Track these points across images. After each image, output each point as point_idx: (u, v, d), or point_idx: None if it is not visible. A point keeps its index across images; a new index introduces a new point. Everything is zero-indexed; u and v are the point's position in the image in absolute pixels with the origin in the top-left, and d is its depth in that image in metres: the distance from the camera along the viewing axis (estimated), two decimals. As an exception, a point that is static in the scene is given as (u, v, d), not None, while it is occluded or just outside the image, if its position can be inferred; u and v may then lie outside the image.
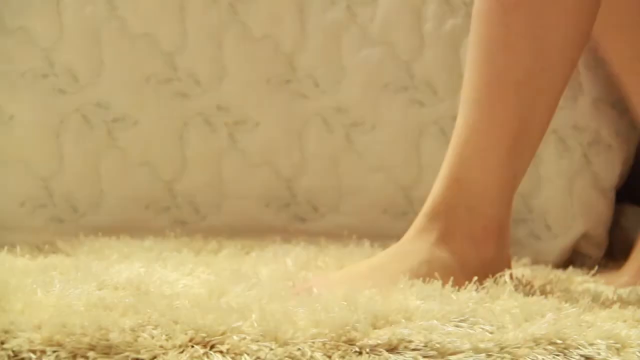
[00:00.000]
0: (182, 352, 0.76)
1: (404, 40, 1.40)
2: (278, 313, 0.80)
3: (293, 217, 1.43)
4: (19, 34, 1.35)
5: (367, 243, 1.29)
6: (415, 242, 0.98)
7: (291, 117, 1.41)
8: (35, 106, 1.36)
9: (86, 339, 0.76)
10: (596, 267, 1.19)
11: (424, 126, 1.40)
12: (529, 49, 0.96)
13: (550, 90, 0.97)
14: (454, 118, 1.01)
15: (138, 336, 0.77)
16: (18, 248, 1.24)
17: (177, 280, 1.02)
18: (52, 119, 1.36)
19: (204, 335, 0.77)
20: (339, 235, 1.38)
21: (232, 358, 0.76)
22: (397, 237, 1.32)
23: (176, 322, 0.79)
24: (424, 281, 0.93)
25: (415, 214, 1.05)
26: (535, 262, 1.31)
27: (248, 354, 0.76)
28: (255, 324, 0.79)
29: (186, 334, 0.77)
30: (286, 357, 0.76)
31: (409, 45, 1.40)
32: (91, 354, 0.75)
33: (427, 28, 1.40)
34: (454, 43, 1.40)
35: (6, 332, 0.76)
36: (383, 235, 1.36)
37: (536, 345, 0.77)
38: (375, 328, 0.80)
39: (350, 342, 0.77)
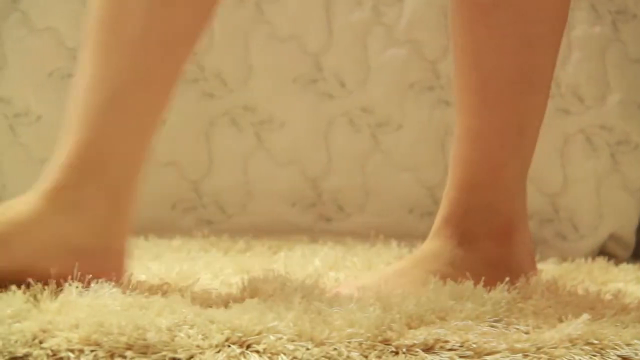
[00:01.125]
0: (218, 351, 0.76)
1: (430, 40, 1.40)
2: (313, 313, 0.81)
3: (318, 217, 1.43)
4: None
5: (394, 243, 1.29)
6: (438, 246, 0.98)
7: (317, 117, 1.41)
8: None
9: (123, 339, 0.76)
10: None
11: (450, 126, 1.40)
12: (517, 47, 0.95)
13: (543, 79, 0.97)
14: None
15: (175, 336, 0.77)
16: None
17: (209, 280, 1.03)
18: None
19: (240, 335, 0.77)
20: (364, 235, 1.38)
21: (269, 358, 0.76)
22: (423, 237, 1.32)
23: (212, 322, 0.79)
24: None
25: (441, 213, 1.05)
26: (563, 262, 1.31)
27: (285, 354, 0.76)
28: (291, 324, 0.79)
29: (222, 333, 0.77)
30: (322, 357, 0.76)
31: (435, 45, 1.40)
32: (129, 353, 0.76)
33: (454, 28, 1.40)
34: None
35: (44, 331, 0.77)
36: (409, 235, 1.36)
37: (572, 345, 0.77)
38: (410, 328, 0.80)
39: (386, 342, 0.77)
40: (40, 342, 0.76)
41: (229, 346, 0.77)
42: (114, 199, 0.89)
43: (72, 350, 0.75)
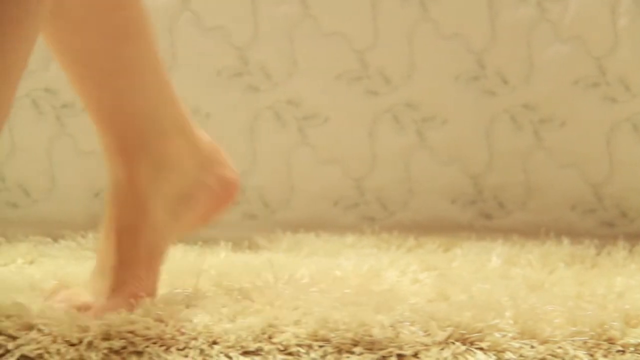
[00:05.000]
0: (443, 348, 0.77)
1: (597, 37, 1.39)
2: (531, 310, 0.81)
3: (479, 214, 1.43)
4: (216, 32, 1.38)
5: (566, 240, 1.28)
6: None
7: (480, 114, 1.41)
8: (229, 104, 1.39)
9: (349, 335, 0.78)
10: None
11: (616, 123, 1.39)
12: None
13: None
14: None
15: (399, 332, 0.78)
16: (222, 243, 1.27)
17: (396, 276, 1.04)
18: (246, 116, 1.39)
19: (463, 332, 0.78)
20: (527, 232, 1.38)
21: (495, 355, 0.76)
22: (586, 234, 1.31)
23: (432, 319, 0.80)
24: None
25: (606, 210, 1.04)
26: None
27: (511, 352, 0.76)
28: (511, 321, 0.79)
29: (445, 330, 0.78)
30: (548, 355, 0.76)
31: (602, 42, 1.39)
32: (357, 349, 0.77)
33: (622, 24, 1.38)
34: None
35: (271, 326, 0.79)
36: (571, 232, 1.35)
37: None
38: (629, 326, 0.80)
39: (611, 340, 0.77)
40: (270, 338, 0.78)
41: (453, 343, 0.78)
42: None
43: (301, 346, 0.77)
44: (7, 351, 0.75)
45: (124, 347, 0.76)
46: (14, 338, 0.76)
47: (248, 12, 1.40)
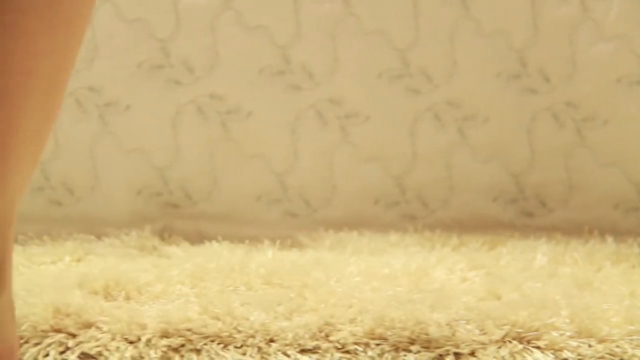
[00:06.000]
0: (500, 347, 0.77)
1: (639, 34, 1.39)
2: (586, 309, 0.81)
3: (520, 212, 1.43)
4: (258, 31, 1.39)
5: (610, 239, 1.28)
6: None
7: (520, 112, 1.41)
8: (271, 103, 1.39)
9: (406, 333, 0.78)
10: None
11: (660, 121, 1.39)
12: None
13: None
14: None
15: (455, 331, 0.78)
16: (265, 242, 1.27)
17: (444, 274, 1.03)
18: (288, 115, 1.39)
19: (519, 330, 0.78)
20: (569, 230, 1.37)
21: (553, 354, 0.76)
22: (629, 232, 1.31)
23: (488, 317, 0.80)
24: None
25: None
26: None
27: (568, 350, 0.76)
28: (567, 320, 0.79)
29: (501, 329, 0.78)
30: (607, 353, 0.76)
31: (645, 39, 1.39)
32: (414, 347, 0.77)
33: (666, 21, 1.38)
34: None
35: (328, 324, 0.79)
36: (614, 230, 1.35)
37: None
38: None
39: (669, 339, 0.77)
40: (327, 336, 0.78)
41: (510, 342, 0.78)
42: None
43: (358, 344, 0.77)
44: (68, 349, 0.75)
45: (182, 345, 0.77)
46: (74, 336, 0.76)
47: (290, 10, 1.40)
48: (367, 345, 0.77)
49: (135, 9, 1.39)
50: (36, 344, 0.76)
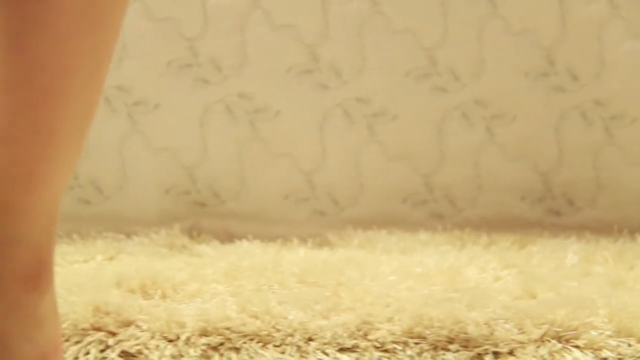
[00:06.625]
0: (539, 346, 0.77)
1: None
2: (624, 308, 0.81)
3: (548, 211, 1.43)
4: (286, 30, 1.39)
5: (639, 238, 1.28)
6: None
7: (549, 110, 1.41)
8: (299, 102, 1.39)
9: (444, 332, 0.78)
10: None
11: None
12: None
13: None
14: None
15: (494, 330, 0.78)
16: (295, 241, 1.27)
17: (476, 273, 1.03)
18: (316, 114, 1.39)
19: (558, 329, 0.78)
20: (597, 229, 1.37)
21: (592, 353, 0.76)
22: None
23: (525, 316, 0.80)
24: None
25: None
26: None
27: (608, 350, 0.76)
28: (606, 320, 0.79)
29: (540, 328, 0.78)
30: (647, 353, 0.76)
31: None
32: (452, 346, 0.77)
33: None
34: None
35: (366, 323, 0.79)
36: (642, 229, 1.35)
37: None
38: None
39: None
40: (365, 335, 0.78)
41: (549, 341, 0.77)
42: None
43: (397, 343, 0.77)
44: (108, 347, 0.75)
45: (221, 344, 0.77)
46: (113, 334, 0.77)
47: (318, 9, 1.40)
48: (405, 344, 0.77)
49: (164, 8, 1.39)
50: (77, 342, 0.76)
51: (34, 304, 0.66)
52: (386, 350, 0.76)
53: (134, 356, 0.75)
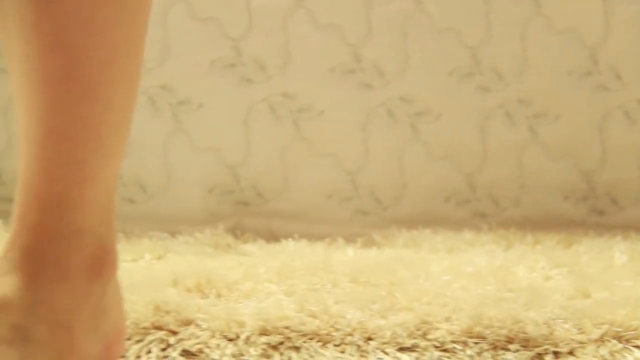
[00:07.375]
0: (599, 346, 0.77)
1: None
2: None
3: (591, 210, 1.42)
4: (330, 30, 1.39)
5: (688, 237, 1.27)
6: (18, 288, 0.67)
7: (592, 110, 1.40)
8: (343, 102, 1.39)
9: (504, 331, 0.78)
10: None
11: None
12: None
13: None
14: None
15: (553, 330, 0.78)
16: (339, 240, 1.27)
17: (526, 273, 1.03)
18: (359, 113, 1.40)
19: (618, 329, 0.78)
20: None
21: (654, 353, 0.76)
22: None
23: (584, 316, 0.79)
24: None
25: None
26: None
27: (670, 350, 0.76)
28: (666, 320, 0.79)
29: (600, 328, 0.78)
30: None
31: None
32: (512, 346, 0.77)
33: None
34: None
35: (425, 322, 0.79)
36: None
37: None
38: None
39: None
40: (424, 334, 0.78)
41: (609, 341, 0.77)
42: None
43: (456, 342, 0.77)
44: (169, 345, 0.76)
45: (281, 343, 0.77)
46: (174, 333, 0.77)
47: (361, 9, 1.40)
48: (465, 343, 0.77)
49: (207, 8, 1.40)
50: (138, 341, 0.76)
51: (99, 294, 0.67)
52: (446, 350, 0.76)
53: (195, 355, 0.76)
